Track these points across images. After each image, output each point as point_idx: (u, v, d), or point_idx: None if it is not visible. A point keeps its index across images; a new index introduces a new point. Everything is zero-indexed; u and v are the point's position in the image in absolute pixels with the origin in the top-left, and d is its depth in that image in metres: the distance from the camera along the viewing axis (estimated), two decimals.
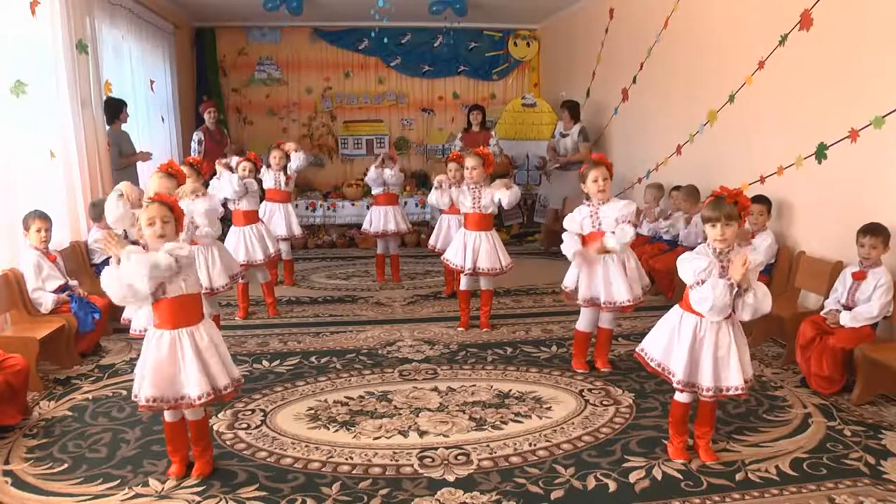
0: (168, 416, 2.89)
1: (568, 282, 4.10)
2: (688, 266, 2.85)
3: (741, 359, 2.88)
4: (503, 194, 4.71)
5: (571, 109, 7.77)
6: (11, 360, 3.48)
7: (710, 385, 2.87)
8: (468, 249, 4.79)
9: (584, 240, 3.93)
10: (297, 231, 6.23)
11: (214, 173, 7.09)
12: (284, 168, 6.10)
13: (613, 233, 3.76)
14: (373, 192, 6.45)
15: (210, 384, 2.79)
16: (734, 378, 2.85)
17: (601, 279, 3.92)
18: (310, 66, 9.86)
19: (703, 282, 2.80)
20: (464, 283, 4.97)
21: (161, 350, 2.75)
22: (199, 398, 2.75)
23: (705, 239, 2.90)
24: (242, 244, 5.20)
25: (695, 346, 2.89)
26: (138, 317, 3.54)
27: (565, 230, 4.01)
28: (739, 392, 2.87)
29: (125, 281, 2.61)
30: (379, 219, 6.32)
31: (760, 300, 2.79)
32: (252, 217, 5.34)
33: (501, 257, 4.84)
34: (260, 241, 5.28)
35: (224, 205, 5.02)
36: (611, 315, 4.10)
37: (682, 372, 2.91)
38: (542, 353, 4.49)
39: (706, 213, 2.85)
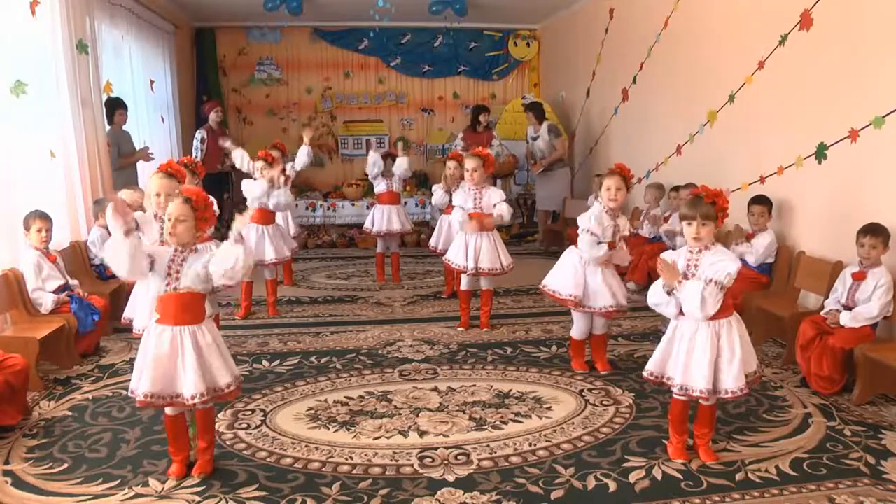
0: (169, 409, 2.88)
1: (563, 288, 4.00)
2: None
3: (721, 368, 2.86)
4: (501, 206, 4.74)
5: (536, 111, 7.78)
6: (11, 360, 3.48)
7: (679, 382, 2.90)
8: (469, 250, 4.79)
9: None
10: (294, 230, 6.33)
11: (212, 174, 7.10)
12: (283, 169, 6.10)
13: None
14: (375, 191, 6.44)
15: (206, 385, 2.77)
16: (699, 381, 2.85)
17: (602, 285, 3.93)
18: (310, 66, 9.86)
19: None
20: (464, 283, 4.97)
21: (162, 346, 2.74)
22: (192, 398, 2.74)
23: None
24: (267, 242, 5.18)
25: (671, 341, 2.95)
26: (140, 316, 3.53)
27: (591, 233, 3.82)
28: (702, 395, 2.87)
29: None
30: (382, 218, 6.31)
31: (684, 299, 2.83)
32: (271, 217, 5.30)
33: (502, 257, 4.85)
34: (282, 238, 5.30)
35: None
36: (604, 321, 4.10)
37: (653, 362, 3.00)
38: (542, 353, 4.49)
39: (683, 211, 2.90)
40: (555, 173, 7.94)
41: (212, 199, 4.23)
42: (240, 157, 5.75)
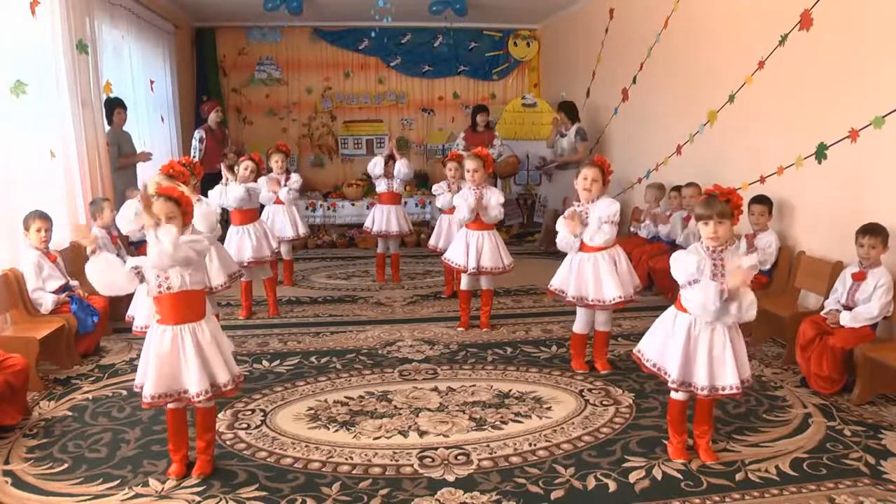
0: (172, 403, 2.88)
1: (556, 282, 4.09)
2: (679, 265, 2.86)
3: (738, 359, 2.88)
4: (495, 204, 4.77)
5: (569, 111, 7.77)
6: (11, 360, 3.48)
7: (706, 384, 2.88)
8: (471, 249, 4.78)
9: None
10: (303, 231, 6.26)
11: (211, 174, 7.09)
12: (287, 171, 6.11)
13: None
14: (377, 191, 6.44)
15: (210, 381, 2.80)
16: (730, 377, 2.85)
17: (591, 278, 3.92)
18: (310, 66, 9.86)
19: (695, 282, 2.80)
20: (465, 283, 4.97)
21: (163, 345, 2.76)
22: (198, 395, 2.76)
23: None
24: (247, 241, 5.14)
25: (689, 345, 2.90)
26: (140, 315, 3.53)
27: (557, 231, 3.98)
28: (735, 392, 2.86)
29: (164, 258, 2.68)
30: (381, 218, 6.30)
31: (745, 310, 2.78)
32: (252, 216, 5.28)
33: (504, 256, 4.85)
34: (264, 238, 5.26)
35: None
36: (605, 317, 4.09)
37: (677, 371, 2.92)
38: (542, 353, 4.49)
39: (699, 211, 2.87)
40: (569, 173, 7.90)
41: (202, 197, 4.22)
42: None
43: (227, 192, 5.12)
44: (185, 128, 8.63)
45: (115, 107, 6.15)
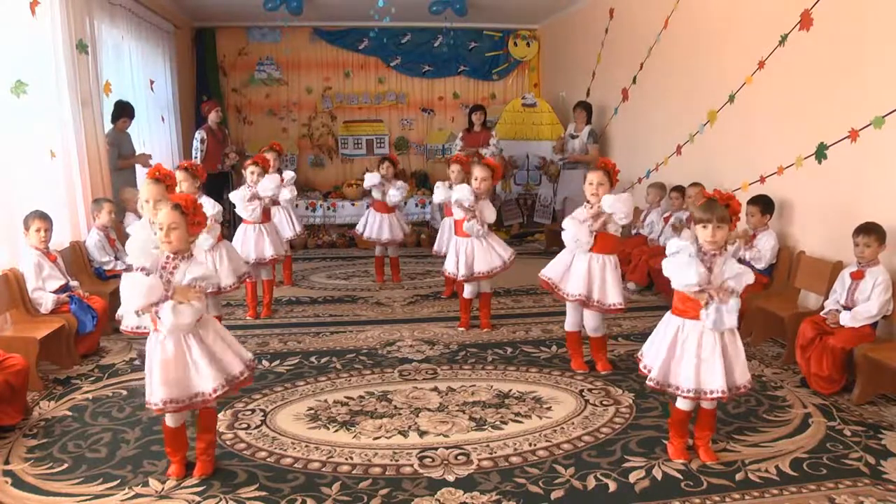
0: (171, 421, 2.87)
1: (551, 273, 4.05)
2: (668, 266, 2.91)
3: (730, 365, 2.88)
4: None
5: (587, 111, 7.76)
6: (11, 360, 3.48)
7: (691, 387, 2.88)
8: (461, 256, 4.77)
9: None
10: (299, 229, 6.34)
11: (212, 174, 7.08)
12: (279, 170, 6.10)
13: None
14: (372, 195, 6.41)
15: (224, 375, 2.78)
16: (717, 382, 2.85)
17: (598, 278, 3.92)
18: (310, 66, 9.86)
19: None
20: (468, 292, 4.94)
21: (167, 351, 2.73)
22: (215, 391, 2.74)
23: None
24: (266, 239, 5.16)
25: (675, 347, 2.92)
26: (129, 315, 3.50)
27: (565, 228, 3.94)
28: (720, 396, 2.86)
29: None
30: (374, 225, 6.28)
31: (722, 316, 2.77)
32: (268, 215, 5.31)
33: (500, 254, 4.79)
34: (277, 235, 5.31)
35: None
36: (596, 323, 4.04)
37: (658, 370, 2.95)
38: (542, 353, 4.49)
39: (699, 215, 2.89)
40: (576, 172, 7.91)
41: (210, 200, 4.24)
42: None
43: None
44: (185, 128, 8.63)
45: (122, 115, 6.14)
